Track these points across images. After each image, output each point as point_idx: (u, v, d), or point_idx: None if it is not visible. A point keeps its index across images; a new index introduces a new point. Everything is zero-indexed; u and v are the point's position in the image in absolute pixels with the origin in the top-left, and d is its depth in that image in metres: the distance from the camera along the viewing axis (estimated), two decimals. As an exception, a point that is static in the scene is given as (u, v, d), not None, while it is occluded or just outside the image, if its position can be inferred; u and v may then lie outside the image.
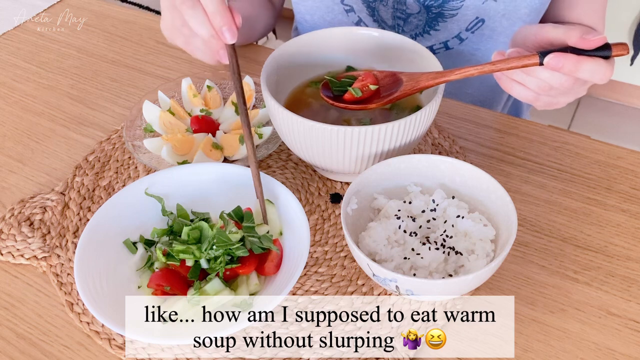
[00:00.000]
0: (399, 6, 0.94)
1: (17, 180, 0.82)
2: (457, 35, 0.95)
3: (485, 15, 0.92)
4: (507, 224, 0.63)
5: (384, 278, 0.60)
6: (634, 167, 0.80)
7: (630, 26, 2.15)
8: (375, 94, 0.74)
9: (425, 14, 0.93)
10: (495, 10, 0.91)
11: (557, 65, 0.62)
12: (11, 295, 0.69)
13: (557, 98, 0.69)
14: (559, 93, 0.67)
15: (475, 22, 0.93)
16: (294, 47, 0.79)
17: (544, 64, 0.63)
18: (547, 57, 0.62)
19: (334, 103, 0.73)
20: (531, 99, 0.69)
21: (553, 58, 0.62)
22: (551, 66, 0.62)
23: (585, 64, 0.62)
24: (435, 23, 0.94)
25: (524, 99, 0.69)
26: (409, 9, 0.94)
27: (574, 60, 0.62)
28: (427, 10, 0.93)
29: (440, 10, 0.92)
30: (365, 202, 0.69)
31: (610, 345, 0.63)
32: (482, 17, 0.92)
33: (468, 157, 0.82)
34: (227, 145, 0.81)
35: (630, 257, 0.70)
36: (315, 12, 1.01)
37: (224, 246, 0.63)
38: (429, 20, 0.94)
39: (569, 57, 0.62)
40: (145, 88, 0.96)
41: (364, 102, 0.73)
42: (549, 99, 0.69)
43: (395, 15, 0.95)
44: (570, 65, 0.62)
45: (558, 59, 0.62)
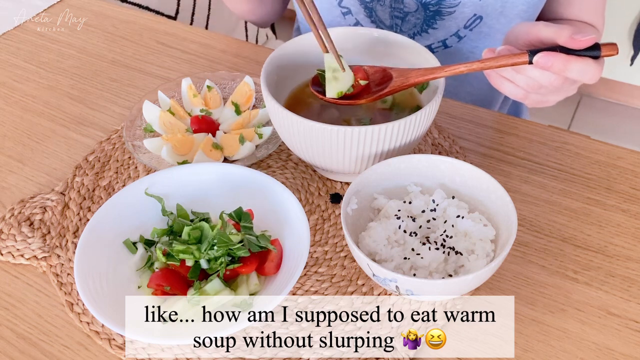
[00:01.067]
0: (396, 5, 0.94)
1: (17, 180, 0.82)
2: (455, 33, 0.95)
3: (483, 12, 0.92)
4: (507, 224, 0.63)
5: (384, 278, 0.60)
6: (634, 167, 0.80)
7: (630, 26, 2.15)
8: (366, 89, 0.74)
9: (423, 12, 0.93)
10: (493, 7, 0.91)
11: (546, 64, 0.62)
12: (11, 295, 0.69)
13: (546, 96, 0.69)
14: (548, 91, 0.68)
15: (473, 19, 0.93)
16: (294, 47, 0.79)
17: (533, 62, 0.63)
18: (536, 55, 0.62)
19: (324, 97, 0.73)
20: (521, 97, 0.69)
21: (542, 57, 0.62)
22: (540, 65, 0.63)
23: (574, 63, 0.62)
24: (433, 21, 0.94)
25: (513, 96, 0.69)
26: (406, 8, 0.94)
27: (563, 59, 0.62)
28: (425, 8, 0.93)
29: (438, 8, 0.92)
30: (365, 202, 0.69)
31: (610, 345, 0.63)
32: (480, 14, 0.92)
33: (468, 157, 0.82)
34: (227, 145, 0.81)
35: (630, 257, 0.70)
36: None
37: (224, 246, 0.63)
38: (426, 18, 0.94)
39: (558, 56, 0.62)
40: (145, 88, 0.96)
41: (354, 97, 0.73)
42: (539, 97, 0.69)
43: (393, 14, 0.95)
44: (559, 64, 0.62)
45: (547, 58, 0.62)
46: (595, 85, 2.35)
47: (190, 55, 1.02)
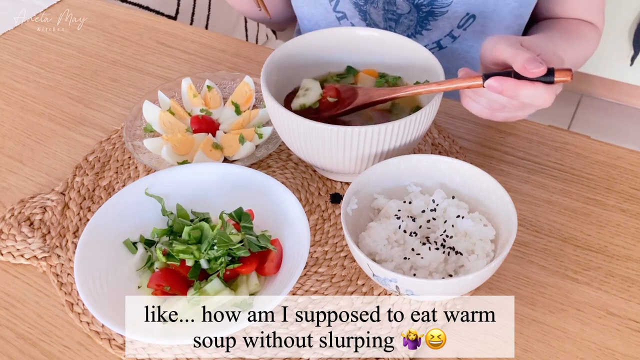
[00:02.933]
0: (389, 7, 0.94)
1: (17, 180, 0.82)
2: (449, 33, 0.95)
3: (475, 10, 0.92)
4: (507, 224, 0.63)
5: (384, 278, 0.60)
6: (634, 167, 0.80)
7: (630, 26, 2.15)
8: (333, 105, 0.76)
9: (416, 13, 0.93)
10: (485, 5, 0.91)
11: (498, 88, 0.64)
12: (11, 295, 0.69)
13: (514, 113, 0.70)
14: (514, 109, 0.69)
15: (467, 18, 0.93)
16: (294, 47, 0.79)
17: (485, 86, 0.65)
18: (487, 80, 0.64)
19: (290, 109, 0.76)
20: (487, 115, 0.70)
21: (494, 81, 0.64)
22: (492, 89, 0.64)
23: (525, 89, 0.63)
24: (427, 22, 0.94)
25: (480, 114, 0.71)
26: (399, 9, 0.94)
27: (513, 84, 0.63)
28: (417, 9, 0.93)
29: (431, 9, 0.92)
30: (365, 202, 0.69)
31: (610, 345, 0.63)
32: (473, 13, 0.92)
33: (468, 157, 0.82)
34: (227, 145, 0.81)
35: (630, 257, 0.70)
36: (311, 18, 1.01)
37: (225, 246, 0.63)
38: (419, 19, 0.94)
39: (508, 81, 0.63)
40: (145, 88, 0.96)
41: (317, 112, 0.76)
42: (505, 114, 0.70)
43: (387, 17, 0.96)
44: (510, 89, 0.63)
45: (498, 83, 0.64)
46: (595, 85, 2.35)
47: (190, 55, 1.02)
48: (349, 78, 0.82)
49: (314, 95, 0.77)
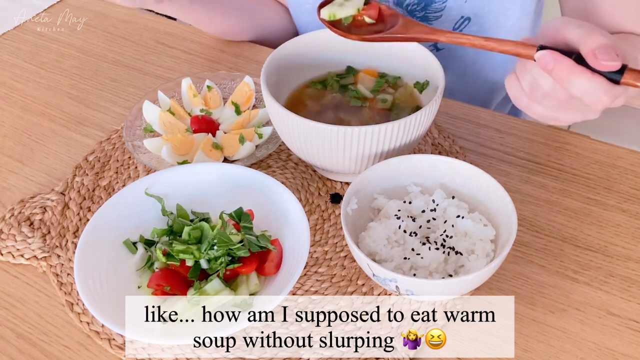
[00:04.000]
0: None
1: (17, 180, 0.82)
2: None
3: (470, 13, 0.91)
4: (507, 224, 0.63)
5: (384, 278, 0.60)
6: (634, 167, 0.80)
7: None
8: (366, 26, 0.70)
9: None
10: (480, 7, 0.90)
11: (547, 65, 0.53)
12: (11, 295, 0.69)
13: (554, 112, 0.60)
14: (555, 106, 0.59)
15: (462, 21, 0.92)
16: (294, 47, 0.79)
17: (535, 57, 0.54)
18: (540, 51, 0.53)
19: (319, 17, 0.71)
20: (524, 104, 0.61)
21: (545, 55, 0.52)
22: (541, 63, 0.53)
23: (579, 77, 0.51)
24: None
25: (516, 98, 0.61)
26: None
27: (567, 66, 0.51)
28: (411, 15, 0.92)
29: (424, 14, 0.92)
30: (365, 202, 0.69)
31: (610, 345, 0.63)
32: (468, 16, 0.91)
33: (468, 157, 0.82)
34: (227, 145, 0.81)
35: (630, 257, 0.70)
36: (307, 27, 1.01)
37: (225, 246, 0.63)
38: None
39: (562, 60, 0.52)
40: (145, 88, 0.96)
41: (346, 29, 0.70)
42: (543, 110, 0.60)
43: None
44: (562, 71, 0.52)
45: (550, 57, 0.52)
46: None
47: (190, 55, 1.02)
48: (349, 78, 0.82)
49: (351, 8, 0.69)
